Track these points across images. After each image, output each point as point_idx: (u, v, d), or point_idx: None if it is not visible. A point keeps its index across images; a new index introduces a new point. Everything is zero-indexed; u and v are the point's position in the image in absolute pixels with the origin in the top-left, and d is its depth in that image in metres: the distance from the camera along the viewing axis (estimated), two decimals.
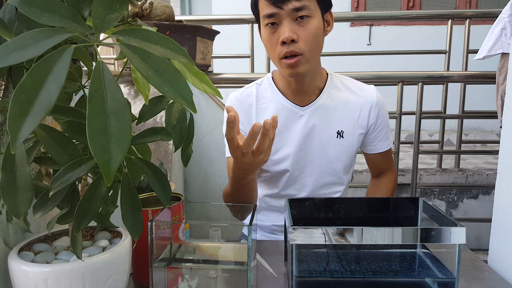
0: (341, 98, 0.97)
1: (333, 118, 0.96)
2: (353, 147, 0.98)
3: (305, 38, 0.85)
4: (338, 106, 0.97)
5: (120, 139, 0.31)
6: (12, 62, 0.30)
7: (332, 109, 0.96)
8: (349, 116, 0.97)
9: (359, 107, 0.97)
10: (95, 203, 0.44)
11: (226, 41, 2.59)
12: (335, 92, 0.98)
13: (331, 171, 0.98)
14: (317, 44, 0.88)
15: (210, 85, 0.50)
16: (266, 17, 0.85)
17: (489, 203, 2.30)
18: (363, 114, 0.97)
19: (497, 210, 0.79)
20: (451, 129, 3.34)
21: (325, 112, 0.96)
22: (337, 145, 0.97)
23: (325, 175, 0.98)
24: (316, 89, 0.97)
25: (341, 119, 0.97)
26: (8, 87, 0.46)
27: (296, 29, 0.84)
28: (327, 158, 0.97)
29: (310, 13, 0.84)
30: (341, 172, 0.99)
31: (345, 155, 0.97)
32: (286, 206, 0.60)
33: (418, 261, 0.58)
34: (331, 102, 0.97)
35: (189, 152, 0.55)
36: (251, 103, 0.99)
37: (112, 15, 0.37)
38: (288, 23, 0.84)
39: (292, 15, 0.83)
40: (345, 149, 0.97)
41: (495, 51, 1.83)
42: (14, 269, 0.48)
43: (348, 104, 0.97)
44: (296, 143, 0.96)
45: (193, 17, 3.40)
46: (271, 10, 0.84)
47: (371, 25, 4.17)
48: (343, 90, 0.98)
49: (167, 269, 0.57)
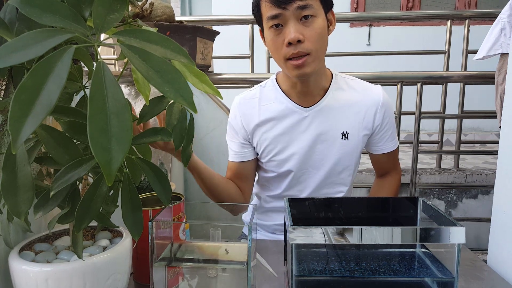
0: (346, 98, 0.96)
1: (338, 119, 0.95)
2: (358, 148, 0.97)
3: (311, 38, 0.84)
4: (343, 107, 0.95)
5: (120, 139, 0.31)
6: (13, 62, 0.30)
7: (337, 110, 0.95)
8: (354, 117, 0.95)
9: (364, 108, 0.95)
10: (96, 203, 0.44)
11: (226, 42, 2.58)
12: (340, 92, 0.96)
13: (335, 172, 0.97)
14: (323, 43, 0.87)
15: (210, 86, 0.50)
16: (270, 18, 0.84)
17: (489, 203, 2.30)
18: (369, 115, 0.95)
19: (496, 210, 0.79)
20: (450, 129, 3.34)
21: (330, 113, 0.95)
22: (341, 147, 0.95)
23: (328, 176, 0.97)
24: (321, 90, 0.95)
25: (346, 120, 0.95)
26: (9, 87, 0.46)
27: (301, 29, 0.83)
28: (332, 159, 0.96)
29: (314, 12, 0.83)
30: (345, 173, 0.98)
31: (350, 156, 0.96)
32: (286, 205, 0.61)
33: (417, 261, 0.59)
34: (335, 103, 0.95)
35: (189, 152, 0.56)
36: (254, 105, 0.98)
37: (113, 15, 0.37)
38: (293, 24, 0.83)
39: (296, 14, 0.82)
40: (349, 150, 0.96)
41: (495, 51, 1.84)
42: (15, 269, 0.49)
43: (353, 105, 0.95)
44: (300, 144, 0.95)
45: (194, 17, 3.40)
46: (275, 11, 0.83)
47: (371, 26, 4.17)
48: (348, 91, 0.97)
49: (167, 268, 0.57)
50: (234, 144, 1.01)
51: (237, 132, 1.00)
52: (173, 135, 0.51)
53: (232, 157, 1.02)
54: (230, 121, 1.01)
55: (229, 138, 1.03)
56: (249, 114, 0.98)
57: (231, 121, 1.01)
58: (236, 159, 1.01)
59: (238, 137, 1.00)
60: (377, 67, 2.05)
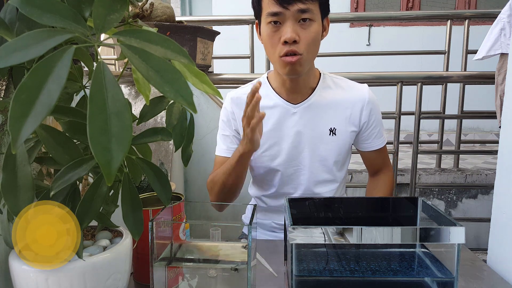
0: (333, 96, 0.99)
1: (325, 115, 0.98)
2: (346, 144, 1.00)
3: (306, 41, 0.87)
4: (330, 104, 0.99)
5: (121, 139, 0.31)
6: (13, 62, 0.30)
7: (324, 107, 0.98)
8: (341, 114, 0.99)
9: (351, 105, 0.99)
10: (96, 202, 0.44)
11: (226, 42, 2.58)
12: (327, 91, 1.00)
13: (324, 168, 1.00)
14: (315, 47, 0.91)
15: (210, 86, 0.50)
16: (270, 15, 0.87)
17: (488, 202, 2.30)
18: (355, 111, 0.99)
19: (496, 210, 0.79)
20: (450, 129, 3.34)
21: (318, 110, 0.98)
22: (329, 142, 0.99)
23: (318, 172, 1.00)
24: (309, 89, 0.99)
25: (333, 116, 0.98)
26: (9, 87, 0.46)
27: (298, 31, 0.87)
28: (320, 155, 0.99)
29: (312, 17, 0.87)
30: (334, 169, 1.01)
31: (337, 152, 0.99)
32: (286, 205, 0.61)
33: (417, 261, 0.59)
34: (323, 100, 0.99)
35: (189, 152, 0.56)
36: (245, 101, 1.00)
37: (113, 15, 0.37)
38: (291, 24, 0.86)
39: (296, 16, 0.86)
40: (337, 146, 0.99)
41: (494, 51, 1.84)
42: (15, 269, 0.49)
43: (340, 102, 0.99)
44: (289, 140, 0.98)
45: (194, 17, 3.40)
46: (276, 9, 0.86)
47: (371, 26, 4.17)
48: (335, 89, 1.00)
49: (167, 268, 0.57)
50: (226, 139, 1.03)
51: (229, 125, 1.03)
52: (173, 135, 0.51)
53: (223, 152, 1.03)
54: (222, 115, 1.04)
55: (221, 133, 1.05)
56: (241, 109, 0.99)
57: (222, 115, 1.04)
58: (225, 153, 1.03)
59: (230, 130, 1.03)
60: (377, 67, 2.04)
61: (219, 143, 1.05)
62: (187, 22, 1.51)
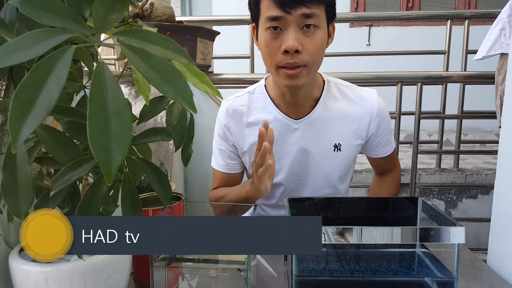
0: (339, 108, 0.90)
1: (330, 131, 0.90)
2: (350, 158, 0.94)
3: (310, 50, 0.78)
4: (335, 117, 0.90)
5: (120, 139, 0.31)
6: (13, 62, 0.30)
7: (328, 122, 0.90)
8: (346, 128, 0.90)
9: (358, 118, 0.90)
10: (96, 202, 0.44)
11: (226, 42, 2.59)
12: (332, 102, 0.90)
13: (328, 183, 0.95)
14: (320, 57, 0.81)
15: (210, 86, 0.50)
16: (270, 19, 0.77)
17: (488, 202, 2.30)
18: (362, 125, 0.91)
19: (496, 210, 0.79)
20: (450, 129, 3.34)
21: (321, 125, 0.90)
22: (333, 158, 0.91)
23: (321, 188, 0.95)
24: (312, 101, 0.90)
25: (338, 131, 0.90)
26: (9, 87, 0.46)
27: (301, 39, 0.76)
28: (323, 171, 0.93)
29: (317, 23, 0.77)
30: (338, 183, 0.96)
31: (342, 167, 0.93)
32: (286, 205, 0.61)
33: (417, 261, 0.59)
34: (327, 114, 0.90)
35: (189, 152, 0.56)
36: (243, 113, 0.93)
37: (113, 15, 0.37)
38: (294, 31, 0.76)
39: (299, 21, 0.76)
40: (342, 161, 0.92)
41: (494, 51, 1.84)
42: (15, 269, 0.49)
43: (346, 115, 0.90)
44: (290, 157, 0.91)
45: (194, 17, 3.40)
46: (276, 13, 0.75)
47: (371, 26, 4.17)
48: (340, 100, 0.91)
49: (167, 268, 0.57)
50: (223, 153, 0.97)
51: (226, 139, 0.96)
52: (173, 135, 0.51)
53: (222, 168, 0.98)
54: (217, 127, 0.97)
55: (217, 147, 0.98)
56: (237, 122, 0.94)
57: (218, 128, 0.97)
58: (223, 169, 0.98)
59: (227, 145, 0.96)
60: (377, 67, 2.04)
61: (217, 157, 0.98)
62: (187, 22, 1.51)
